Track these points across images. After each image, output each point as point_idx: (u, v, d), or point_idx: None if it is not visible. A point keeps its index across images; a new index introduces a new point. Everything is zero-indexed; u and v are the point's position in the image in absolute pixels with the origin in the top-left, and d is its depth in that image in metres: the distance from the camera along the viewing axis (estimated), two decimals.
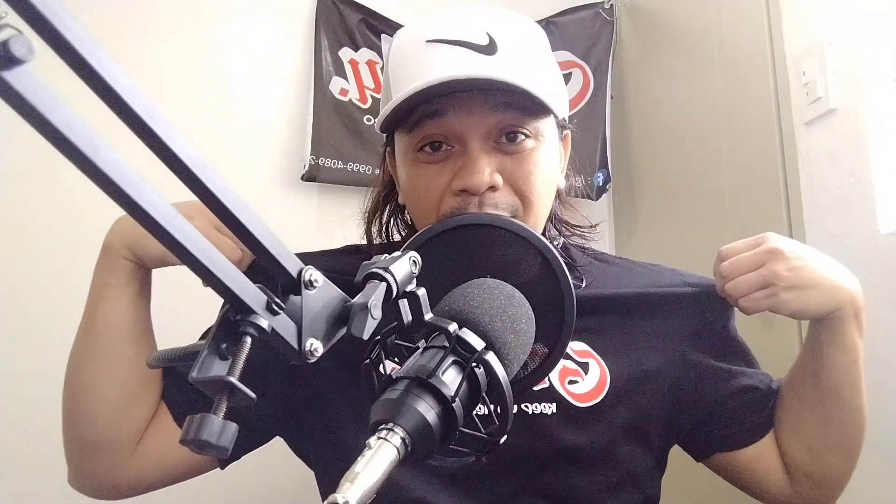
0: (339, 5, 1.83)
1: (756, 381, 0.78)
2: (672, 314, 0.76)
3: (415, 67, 0.64)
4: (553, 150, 0.70)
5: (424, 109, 0.64)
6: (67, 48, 0.23)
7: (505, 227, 0.60)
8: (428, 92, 0.61)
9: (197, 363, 0.31)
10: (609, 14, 2.03)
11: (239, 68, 1.78)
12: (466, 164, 0.64)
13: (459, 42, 0.65)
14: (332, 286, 0.37)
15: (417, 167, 0.67)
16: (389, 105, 0.64)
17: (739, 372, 0.78)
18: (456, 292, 0.49)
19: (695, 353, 0.76)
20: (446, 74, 0.60)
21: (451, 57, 0.64)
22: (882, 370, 1.15)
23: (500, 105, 0.64)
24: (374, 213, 0.79)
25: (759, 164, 1.48)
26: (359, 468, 0.32)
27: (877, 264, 1.16)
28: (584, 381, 0.69)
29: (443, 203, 0.66)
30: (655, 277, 0.80)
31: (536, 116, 0.66)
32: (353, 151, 1.77)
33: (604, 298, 0.74)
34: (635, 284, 0.78)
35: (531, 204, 0.66)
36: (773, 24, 1.44)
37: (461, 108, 0.64)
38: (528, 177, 0.65)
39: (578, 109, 1.98)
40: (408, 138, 0.67)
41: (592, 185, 1.95)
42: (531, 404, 0.68)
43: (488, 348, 0.41)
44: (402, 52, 0.69)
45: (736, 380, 0.77)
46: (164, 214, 0.28)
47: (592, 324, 0.72)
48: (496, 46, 0.65)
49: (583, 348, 0.71)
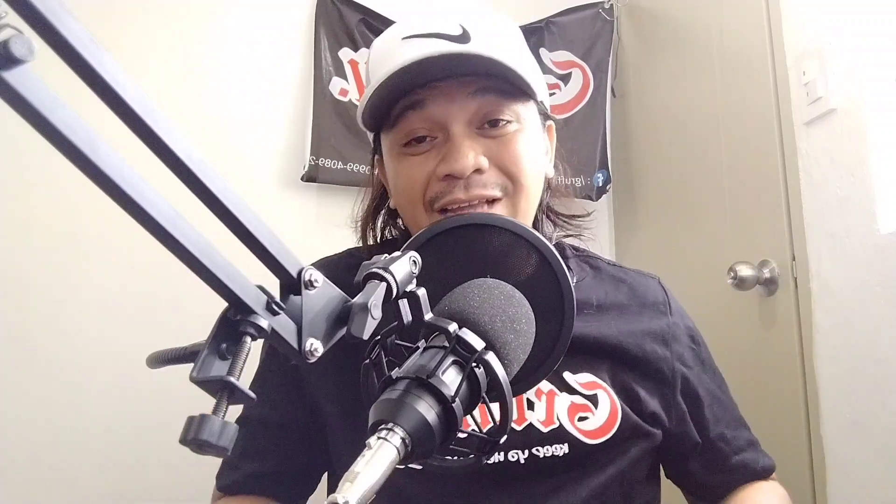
0: (339, 5, 1.83)
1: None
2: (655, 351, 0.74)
3: (389, 60, 0.64)
4: (537, 136, 0.70)
5: (404, 102, 0.65)
6: (67, 48, 0.23)
7: (505, 226, 0.60)
8: (405, 80, 0.62)
9: (197, 363, 0.31)
10: (609, 14, 2.03)
11: (239, 68, 1.78)
12: (451, 149, 0.64)
13: (433, 34, 0.66)
14: (332, 286, 0.37)
15: (403, 160, 0.67)
16: (367, 92, 0.65)
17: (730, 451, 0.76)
18: (456, 292, 0.49)
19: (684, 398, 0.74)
20: (418, 55, 0.61)
21: (424, 44, 0.65)
22: (882, 370, 1.15)
23: (479, 90, 0.64)
24: (367, 221, 0.79)
25: (759, 164, 1.48)
26: (359, 468, 0.32)
27: (877, 264, 1.16)
28: (594, 416, 0.67)
29: (428, 189, 0.66)
30: (642, 291, 0.77)
31: (516, 99, 0.66)
32: (352, 152, 1.77)
33: (590, 340, 0.71)
34: (620, 297, 0.76)
35: (520, 183, 0.66)
36: (773, 24, 1.45)
37: (441, 96, 0.64)
38: (515, 157, 0.66)
39: (578, 109, 1.98)
40: (392, 134, 0.68)
41: (592, 185, 1.95)
42: (542, 448, 0.65)
43: (488, 348, 0.41)
44: (379, 52, 0.70)
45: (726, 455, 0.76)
46: (165, 214, 0.28)
47: (592, 358, 0.70)
48: (469, 36, 0.66)
49: (589, 379, 0.69)
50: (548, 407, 0.67)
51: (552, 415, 0.67)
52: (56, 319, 1.51)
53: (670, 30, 1.89)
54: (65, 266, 1.54)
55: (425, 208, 0.67)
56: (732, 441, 0.76)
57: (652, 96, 1.98)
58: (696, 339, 0.78)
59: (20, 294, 1.49)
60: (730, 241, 1.57)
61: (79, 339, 1.50)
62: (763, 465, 0.77)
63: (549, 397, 0.68)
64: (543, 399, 0.68)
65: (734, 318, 1.53)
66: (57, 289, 1.52)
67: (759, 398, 1.42)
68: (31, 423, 1.46)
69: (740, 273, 1.42)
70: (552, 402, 0.67)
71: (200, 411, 0.30)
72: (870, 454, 1.17)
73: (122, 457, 1.50)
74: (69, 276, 1.54)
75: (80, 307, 1.53)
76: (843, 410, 1.24)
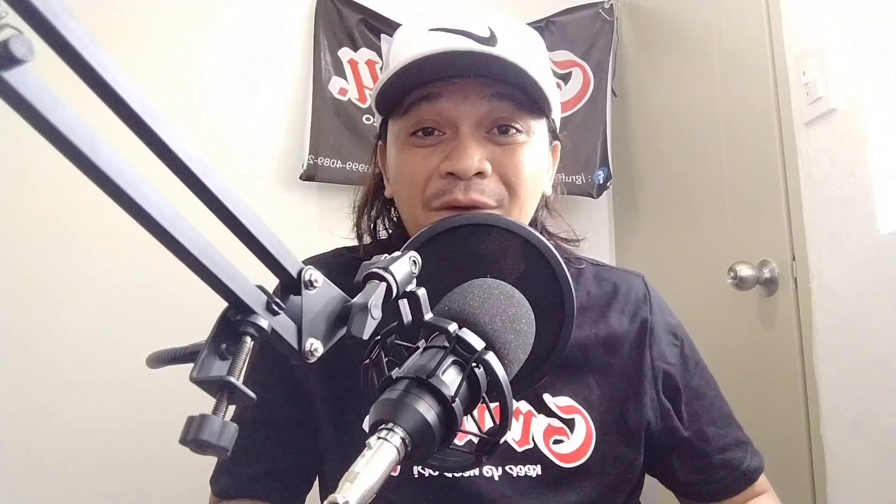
0: (339, 5, 1.83)
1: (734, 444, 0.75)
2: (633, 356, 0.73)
3: (414, 50, 0.64)
4: (543, 152, 0.70)
5: (420, 92, 0.64)
6: (67, 48, 0.23)
7: (506, 227, 0.60)
8: (424, 71, 0.62)
9: (197, 363, 0.31)
10: (609, 14, 2.03)
11: (238, 67, 1.78)
12: (456, 148, 0.64)
13: (461, 31, 0.65)
14: (332, 286, 0.37)
15: (408, 150, 0.67)
16: (384, 75, 0.64)
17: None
18: (456, 292, 0.49)
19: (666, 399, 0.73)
20: (443, 47, 0.60)
21: (450, 39, 0.64)
22: (882, 370, 1.15)
23: (495, 95, 0.64)
24: (363, 207, 0.78)
25: (759, 164, 1.48)
26: (359, 468, 0.32)
27: (877, 264, 1.16)
28: (569, 441, 0.68)
29: (428, 185, 0.65)
30: (625, 289, 0.76)
31: (530, 112, 0.66)
32: (351, 151, 1.77)
33: (574, 346, 0.69)
34: (602, 297, 0.75)
35: (517, 195, 0.66)
36: (773, 24, 1.44)
37: (457, 93, 0.64)
38: (517, 168, 0.65)
39: (578, 108, 1.98)
40: (401, 121, 0.67)
41: (593, 182, 1.95)
42: (515, 466, 0.66)
43: (488, 348, 0.41)
44: (402, 39, 0.69)
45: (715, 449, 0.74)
46: (165, 214, 0.28)
47: (573, 374, 0.70)
48: (496, 39, 0.65)
49: (568, 403, 0.69)
50: (524, 427, 0.68)
51: (528, 435, 0.68)
52: (56, 319, 1.51)
53: (670, 30, 1.89)
54: (65, 266, 1.54)
55: (423, 204, 0.66)
56: (714, 439, 0.73)
57: (652, 96, 1.98)
58: (677, 335, 0.77)
59: (20, 294, 1.49)
60: (730, 241, 1.57)
61: (79, 339, 1.50)
62: (750, 465, 0.74)
63: (527, 418, 0.68)
64: (521, 419, 0.68)
65: (734, 318, 1.53)
66: (57, 289, 1.52)
67: (759, 398, 1.42)
68: (31, 423, 1.46)
69: (740, 273, 1.42)
70: (529, 423, 0.68)
71: (200, 411, 0.30)
72: (870, 454, 1.17)
73: (122, 456, 1.50)
74: (69, 276, 1.54)
75: (80, 307, 1.53)
76: (843, 410, 1.24)
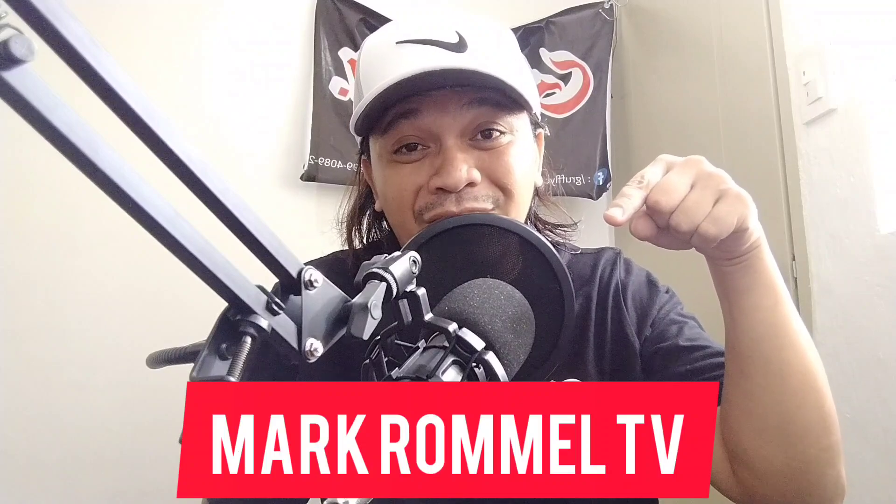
0: (339, 5, 1.83)
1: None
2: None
3: (384, 67, 0.64)
4: (528, 146, 0.70)
5: (398, 110, 0.64)
6: (67, 48, 0.23)
7: (505, 226, 0.60)
8: (400, 90, 0.61)
9: (197, 363, 0.31)
10: (609, 14, 2.03)
11: (239, 67, 1.78)
12: (444, 162, 0.63)
13: (429, 41, 0.64)
14: (332, 286, 0.37)
15: (393, 167, 0.67)
16: (361, 103, 0.64)
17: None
18: (456, 292, 0.49)
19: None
20: (417, 68, 0.60)
21: (420, 53, 0.64)
22: (882, 370, 1.15)
23: (473, 101, 0.64)
24: (352, 222, 0.78)
25: (759, 164, 1.48)
26: None
27: (877, 264, 1.16)
28: None
29: (418, 199, 0.65)
30: (601, 262, 0.78)
31: (510, 111, 0.66)
32: (352, 151, 1.76)
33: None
34: (583, 277, 0.76)
35: (512, 195, 0.66)
36: (773, 24, 1.45)
37: (435, 106, 0.63)
38: (507, 170, 0.65)
39: (578, 109, 1.98)
40: (382, 140, 0.67)
41: (593, 183, 1.95)
42: None
43: (488, 348, 0.41)
44: (371, 55, 0.68)
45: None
46: (164, 214, 0.28)
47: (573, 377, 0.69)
48: (466, 44, 0.65)
49: None
50: None
51: None
52: (56, 319, 1.51)
53: (670, 30, 1.89)
54: (65, 266, 1.54)
55: (414, 218, 0.66)
56: (697, 341, 0.72)
57: (652, 96, 1.98)
58: (652, 281, 0.78)
59: (20, 294, 1.50)
60: None
61: (79, 339, 1.50)
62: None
63: None
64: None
65: None
66: (57, 289, 1.53)
67: None
68: (31, 423, 1.46)
69: None
70: None
71: None
72: (870, 454, 1.17)
73: (122, 456, 1.50)
74: (69, 276, 1.54)
75: (80, 307, 1.53)
76: (843, 410, 1.24)
